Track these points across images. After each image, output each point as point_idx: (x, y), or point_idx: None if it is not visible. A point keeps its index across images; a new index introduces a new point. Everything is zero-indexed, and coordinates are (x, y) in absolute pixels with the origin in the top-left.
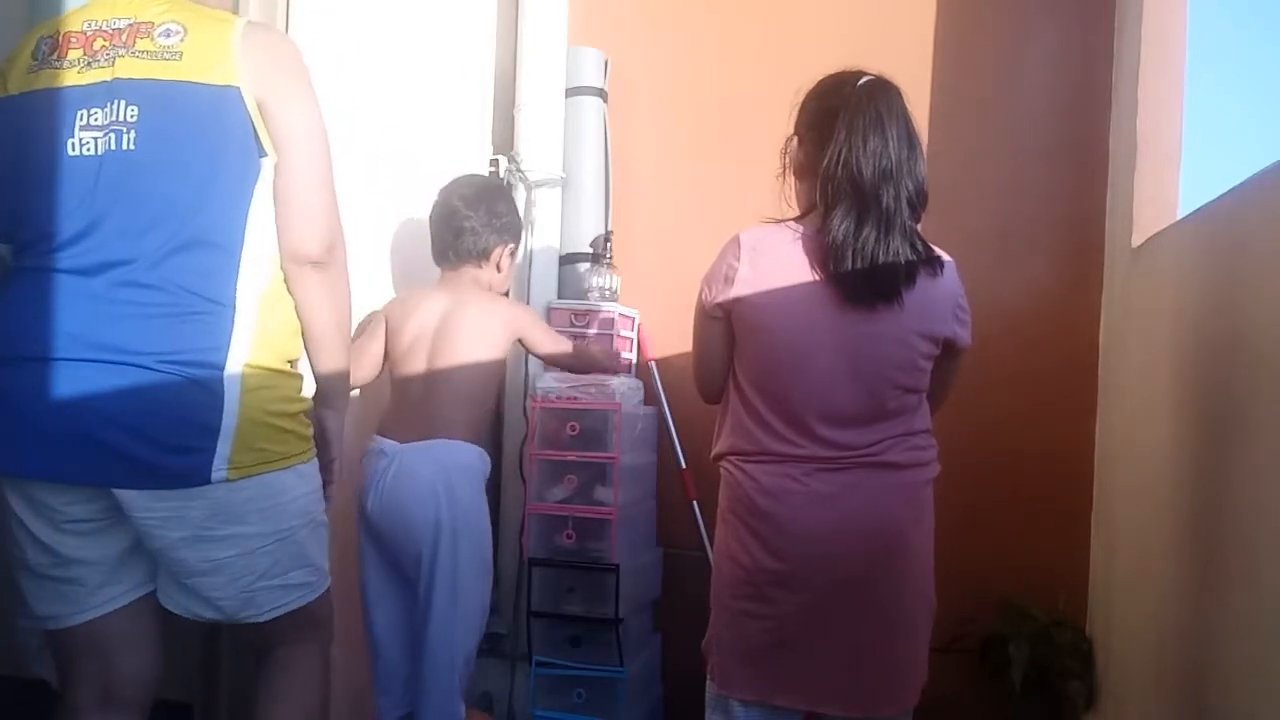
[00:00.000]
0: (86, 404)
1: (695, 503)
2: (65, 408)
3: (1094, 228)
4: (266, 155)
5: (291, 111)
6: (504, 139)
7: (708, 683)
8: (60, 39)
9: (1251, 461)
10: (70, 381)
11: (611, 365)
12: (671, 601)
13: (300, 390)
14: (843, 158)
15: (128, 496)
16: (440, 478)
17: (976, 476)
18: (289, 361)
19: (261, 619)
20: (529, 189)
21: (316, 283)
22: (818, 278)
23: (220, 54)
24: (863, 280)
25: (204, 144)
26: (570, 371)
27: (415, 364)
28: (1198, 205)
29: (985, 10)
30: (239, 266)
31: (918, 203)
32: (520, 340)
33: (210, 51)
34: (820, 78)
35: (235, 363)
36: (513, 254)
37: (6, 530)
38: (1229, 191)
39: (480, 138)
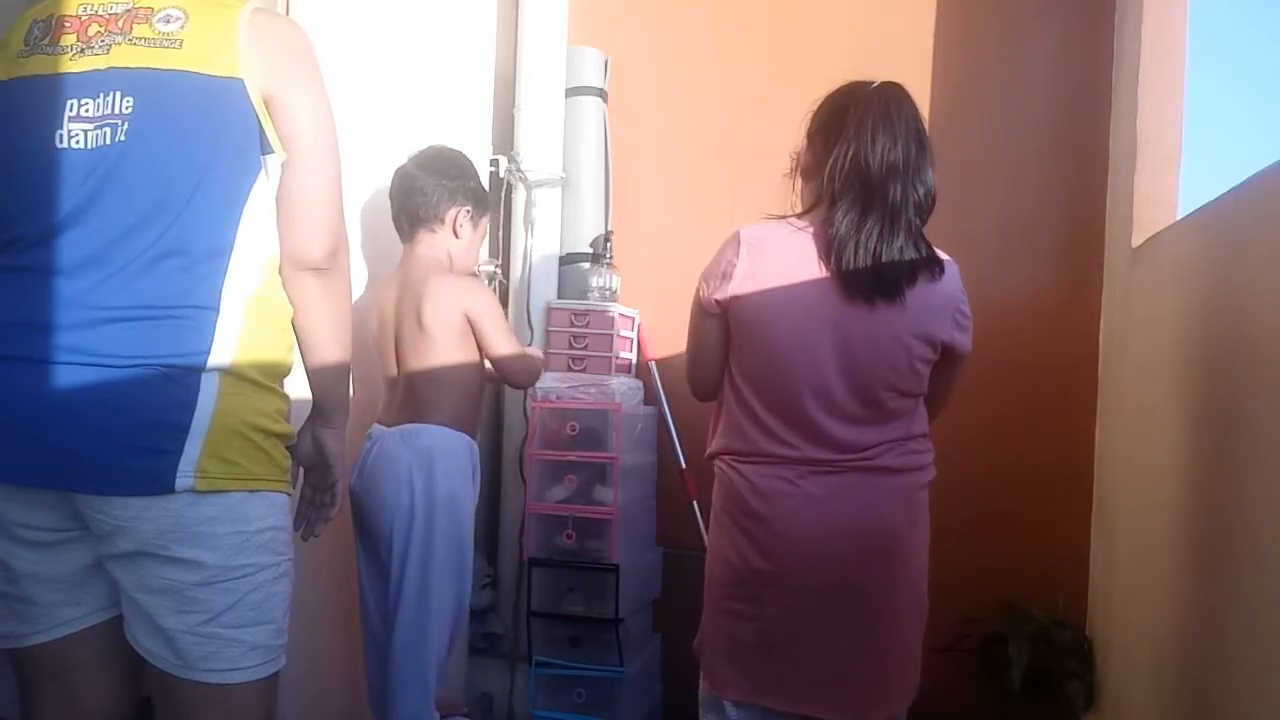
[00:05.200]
0: (53, 404)
1: (695, 502)
2: (30, 408)
3: (1094, 228)
4: (273, 152)
5: (299, 105)
6: (504, 139)
7: (701, 681)
8: (54, 23)
9: (1252, 461)
10: (38, 382)
11: (535, 373)
12: (671, 601)
13: (283, 415)
14: (851, 152)
15: (86, 502)
16: (417, 461)
17: (976, 476)
18: (275, 378)
19: (220, 677)
20: (529, 189)
21: (317, 290)
22: (819, 273)
23: (223, 42)
24: (865, 275)
25: (199, 140)
26: (507, 380)
27: (387, 353)
28: (1198, 205)
29: (985, 10)
30: (227, 269)
31: (925, 204)
32: (470, 324)
33: (213, 39)
34: (824, 82)
35: (214, 366)
36: (473, 219)
37: None
38: (1229, 191)
39: (480, 138)
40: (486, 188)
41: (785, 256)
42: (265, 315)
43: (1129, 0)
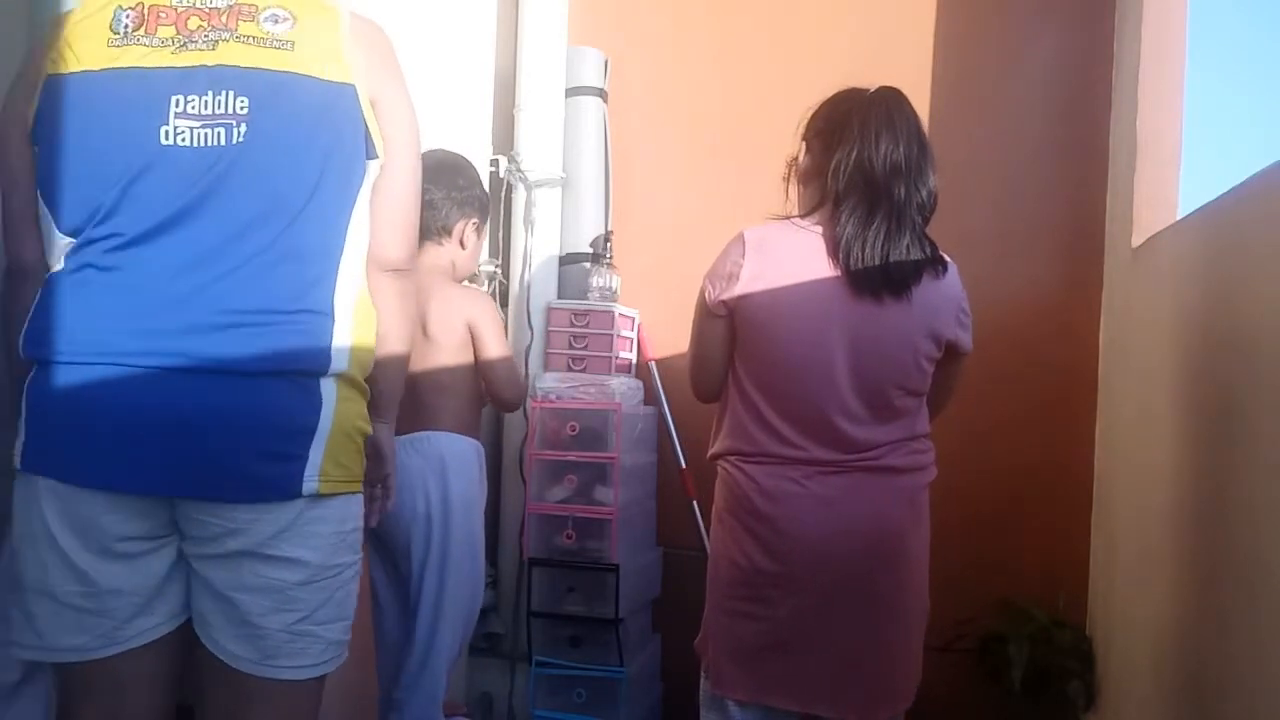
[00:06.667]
0: (172, 411)
1: (695, 502)
2: (147, 415)
3: (1094, 228)
4: (377, 157)
5: (399, 112)
6: (504, 139)
7: (702, 681)
8: (146, 12)
9: (1251, 461)
10: (153, 388)
11: (519, 385)
12: (671, 601)
13: (366, 414)
14: (855, 154)
15: (197, 508)
16: (430, 469)
17: (977, 476)
18: (366, 378)
19: (299, 674)
20: (529, 189)
21: (395, 289)
22: (825, 272)
23: (332, 47)
24: (874, 273)
25: (316, 143)
26: (493, 387)
27: None
28: (1198, 205)
29: (985, 11)
30: (338, 273)
31: (927, 205)
32: (470, 330)
33: (322, 44)
34: (825, 81)
35: (333, 371)
36: (478, 230)
37: (17, 551)
38: (1229, 191)
39: (480, 138)
40: (486, 188)
41: (791, 256)
42: (365, 318)
43: (1129, 0)
